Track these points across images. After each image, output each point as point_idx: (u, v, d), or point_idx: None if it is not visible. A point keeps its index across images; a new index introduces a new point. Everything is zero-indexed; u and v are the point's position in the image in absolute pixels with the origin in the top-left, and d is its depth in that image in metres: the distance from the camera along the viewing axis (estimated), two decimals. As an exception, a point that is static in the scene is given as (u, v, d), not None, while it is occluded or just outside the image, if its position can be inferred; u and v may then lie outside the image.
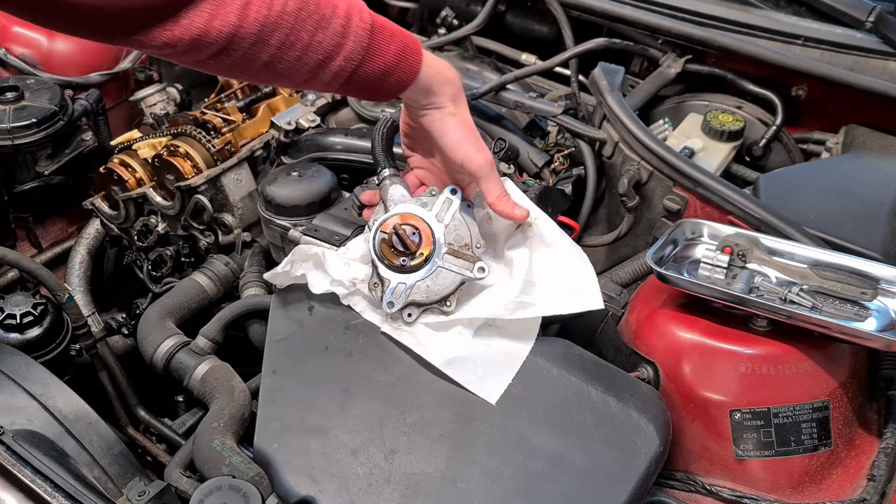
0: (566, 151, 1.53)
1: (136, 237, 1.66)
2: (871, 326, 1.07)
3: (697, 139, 1.58)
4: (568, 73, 1.78)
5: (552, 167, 1.50)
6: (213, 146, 1.59)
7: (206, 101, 1.75)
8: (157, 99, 1.88)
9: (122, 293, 1.80)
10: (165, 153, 1.59)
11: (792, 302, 1.09)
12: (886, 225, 1.30)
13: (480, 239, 1.08)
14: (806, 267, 1.13)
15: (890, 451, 1.10)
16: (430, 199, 1.08)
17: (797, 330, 1.06)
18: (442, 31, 2.05)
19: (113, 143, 1.74)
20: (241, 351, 1.37)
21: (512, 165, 1.43)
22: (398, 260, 1.06)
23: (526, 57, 1.95)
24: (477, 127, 1.45)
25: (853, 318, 1.07)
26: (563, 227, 1.35)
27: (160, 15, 0.85)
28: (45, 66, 1.87)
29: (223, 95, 1.74)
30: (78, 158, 1.80)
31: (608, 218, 1.54)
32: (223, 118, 1.65)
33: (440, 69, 1.04)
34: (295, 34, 0.91)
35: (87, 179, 1.82)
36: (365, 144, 1.54)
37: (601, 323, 1.19)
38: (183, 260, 1.64)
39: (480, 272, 1.05)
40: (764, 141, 1.65)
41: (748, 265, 1.16)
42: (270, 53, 0.92)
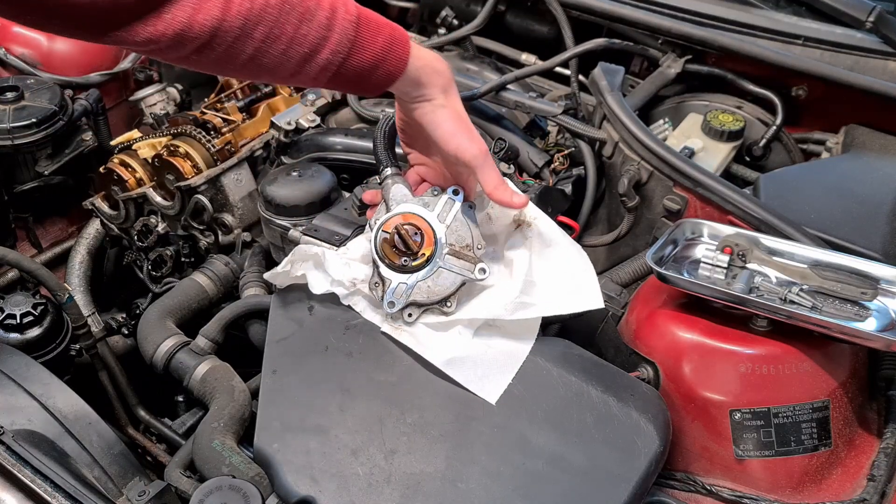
0: (566, 151, 1.53)
1: (136, 237, 1.66)
2: (871, 326, 1.07)
3: (697, 139, 1.58)
4: (568, 73, 1.78)
5: (552, 167, 1.50)
6: (213, 146, 1.59)
7: (206, 101, 1.74)
8: (157, 99, 1.88)
9: (122, 293, 1.80)
10: (165, 153, 1.59)
11: (792, 302, 1.09)
12: (886, 225, 1.30)
13: (482, 240, 1.08)
14: (806, 267, 1.13)
15: (890, 451, 1.10)
16: (431, 199, 1.08)
17: (797, 330, 1.06)
18: (442, 31, 2.05)
19: (113, 143, 1.74)
20: (241, 351, 1.37)
21: (512, 165, 1.43)
22: (399, 260, 1.06)
23: (526, 57, 1.94)
24: (477, 127, 1.44)
25: (853, 318, 1.07)
26: (563, 227, 1.35)
27: (142, 10, 0.84)
28: (45, 66, 1.87)
29: (223, 95, 1.74)
30: (78, 158, 1.80)
31: (608, 218, 1.54)
32: (223, 118, 1.65)
33: (429, 61, 1.03)
34: (279, 27, 0.91)
35: (87, 179, 1.82)
36: (365, 144, 1.54)
37: (601, 323, 1.19)
38: (183, 260, 1.64)
39: (481, 273, 1.05)
40: (764, 141, 1.65)
41: (748, 265, 1.16)
42: (255, 47, 0.91)
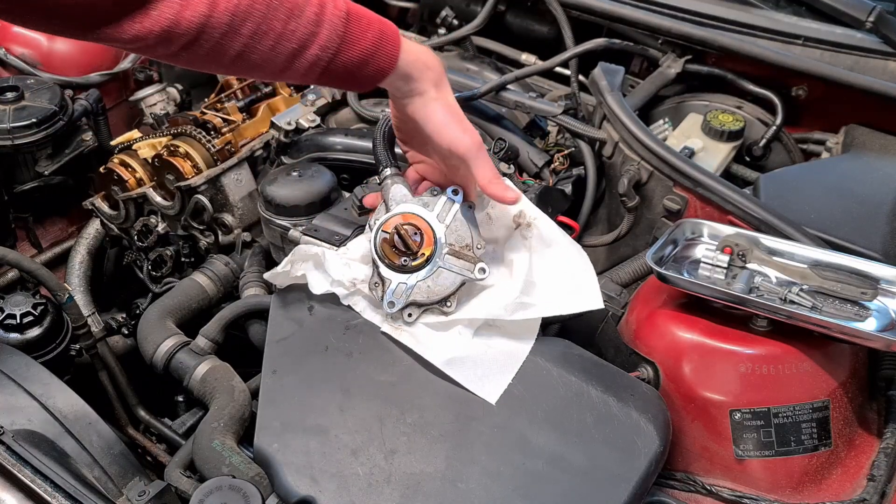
0: (566, 151, 1.53)
1: (136, 237, 1.66)
2: (871, 326, 1.07)
3: (697, 139, 1.58)
4: (568, 73, 1.78)
5: (552, 167, 1.50)
6: (213, 146, 1.59)
7: (206, 101, 1.74)
8: (157, 99, 1.88)
9: (122, 293, 1.80)
10: (165, 153, 1.59)
11: (792, 302, 1.09)
12: (886, 225, 1.30)
13: (481, 240, 1.08)
14: (806, 267, 1.13)
15: (890, 451, 1.10)
16: (431, 199, 1.08)
17: (797, 330, 1.06)
18: (442, 31, 2.05)
19: (113, 143, 1.74)
20: (241, 351, 1.37)
21: (512, 165, 1.43)
22: (399, 260, 1.06)
23: (526, 57, 1.94)
24: (477, 127, 1.43)
25: (853, 318, 1.07)
26: (563, 227, 1.35)
27: (129, 7, 0.84)
28: (45, 66, 1.87)
29: (223, 95, 1.74)
30: (78, 158, 1.80)
31: (608, 218, 1.54)
32: (223, 118, 1.65)
33: (419, 55, 1.02)
34: (267, 23, 0.90)
35: (87, 179, 1.82)
36: (365, 144, 1.54)
37: (601, 323, 1.19)
38: (183, 260, 1.64)
39: (481, 273, 1.05)
40: (764, 141, 1.65)
41: (748, 265, 1.16)
42: (243, 43, 0.90)
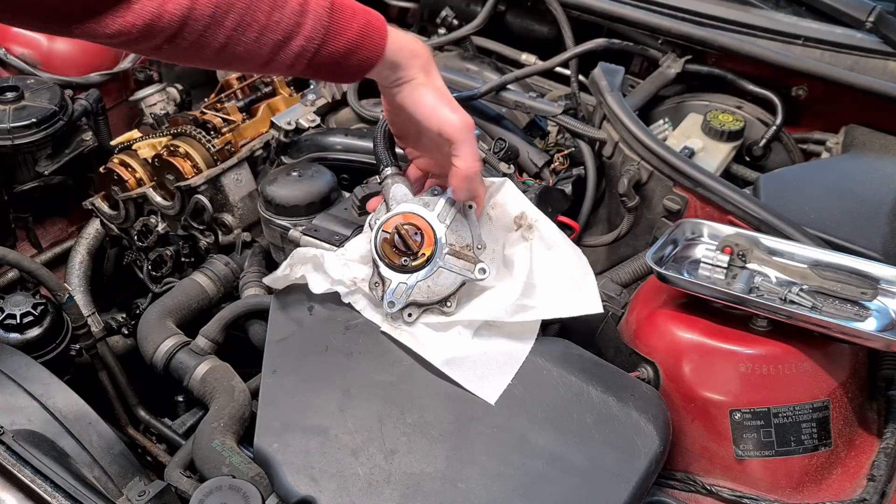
0: (566, 151, 1.53)
1: (136, 237, 1.66)
2: (871, 326, 1.07)
3: (697, 139, 1.58)
4: (568, 73, 1.78)
5: (552, 167, 1.50)
6: (213, 146, 1.59)
7: (206, 101, 1.74)
8: (157, 99, 1.88)
9: (122, 293, 1.80)
10: (165, 153, 1.59)
11: (792, 302, 1.09)
12: (886, 225, 1.30)
13: (482, 240, 1.08)
14: (806, 267, 1.13)
15: (890, 451, 1.10)
16: (432, 198, 1.08)
17: (797, 330, 1.06)
18: (442, 31, 2.04)
19: (113, 143, 1.74)
20: (241, 351, 1.37)
21: (512, 165, 1.43)
22: (400, 260, 1.06)
23: (526, 57, 1.94)
24: (477, 127, 1.42)
25: (853, 318, 1.07)
26: (563, 227, 1.35)
27: (111, 1, 0.84)
28: (45, 66, 1.87)
29: (223, 95, 1.74)
30: (78, 158, 1.80)
31: (608, 218, 1.54)
32: (223, 118, 1.65)
33: (406, 43, 1.01)
34: (250, 14, 0.90)
35: (87, 179, 1.82)
36: (365, 144, 1.54)
37: (601, 323, 1.19)
38: (183, 260, 1.64)
39: (481, 273, 1.05)
40: (764, 141, 1.65)
41: (748, 265, 1.16)
42: (226, 35, 0.90)
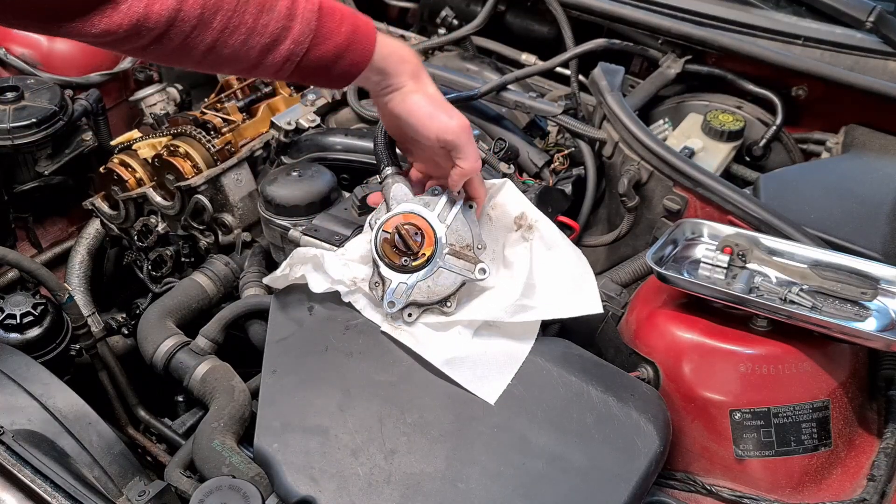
0: (566, 151, 1.53)
1: (136, 237, 1.66)
2: (871, 326, 1.07)
3: (697, 139, 1.58)
4: (568, 73, 1.78)
5: (552, 167, 1.50)
6: (213, 146, 1.59)
7: (206, 101, 1.74)
8: (157, 99, 1.88)
9: (122, 293, 1.80)
10: (165, 153, 1.58)
11: (792, 302, 1.09)
12: (886, 225, 1.30)
13: (482, 240, 1.08)
14: (806, 267, 1.13)
15: (890, 451, 1.10)
16: (432, 198, 1.08)
17: (797, 330, 1.06)
18: (442, 31, 2.05)
19: (113, 143, 1.74)
20: (241, 351, 1.37)
21: (512, 165, 1.43)
22: (400, 260, 1.06)
23: (526, 57, 1.94)
24: (477, 127, 1.42)
25: (853, 318, 1.07)
26: (562, 227, 1.35)
27: (98, 1, 0.83)
28: (45, 66, 1.87)
29: (223, 95, 1.74)
30: (78, 158, 1.80)
31: (608, 218, 1.54)
32: (223, 118, 1.65)
33: (394, 49, 1.00)
34: (238, 16, 0.90)
35: (87, 179, 1.82)
36: (365, 144, 1.54)
37: (601, 323, 1.19)
38: (183, 260, 1.64)
39: (482, 273, 1.05)
40: (764, 141, 1.65)
41: (748, 265, 1.16)
42: (213, 37, 0.90)
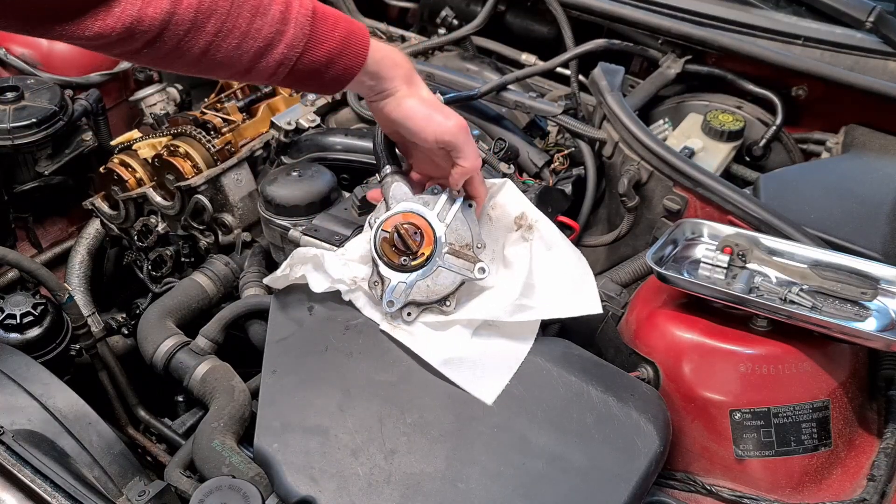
0: (566, 151, 1.53)
1: (136, 237, 1.66)
2: (871, 326, 1.07)
3: (697, 139, 1.58)
4: (568, 73, 1.78)
5: (552, 167, 1.50)
6: (213, 146, 1.59)
7: (206, 101, 1.74)
8: (157, 99, 1.88)
9: (122, 293, 1.80)
10: (165, 153, 1.59)
11: (792, 302, 1.09)
12: (886, 225, 1.30)
13: (482, 239, 1.08)
14: (806, 267, 1.13)
15: (890, 451, 1.10)
16: (431, 197, 1.08)
17: (797, 330, 1.06)
18: (442, 31, 2.05)
19: (113, 143, 1.74)
20: (241, 351, 1.37)
21: (512, 165, 1.43)
22: (399, 259, 1.05)
23: (526, 57, 1.94)
24: (477, 127, 1.42)
25: (853, 318, 1.07)
26: (562, 227, 1.35)
27: (91, 3, 0.83)
28: (45, 66, 1.87)
29: (223, 95, 1.74)
30: (78, 158, 1.80)
31: (608, 218, 1.54)
32: (223, 118, 1.65)
33: (387, 53, 1.01)
34: (232, 20, 0.90)
35: (87, 179, 1.82)
36: (365, 144, 1.54)
37: (601, 323, 1.19)
38: (183, 260, 1.64)
39: (481, 273, 1.05)
40: (764, 141, 1.65)
41: (748, 265, 1.16)
42: (207, 41, 0.89)
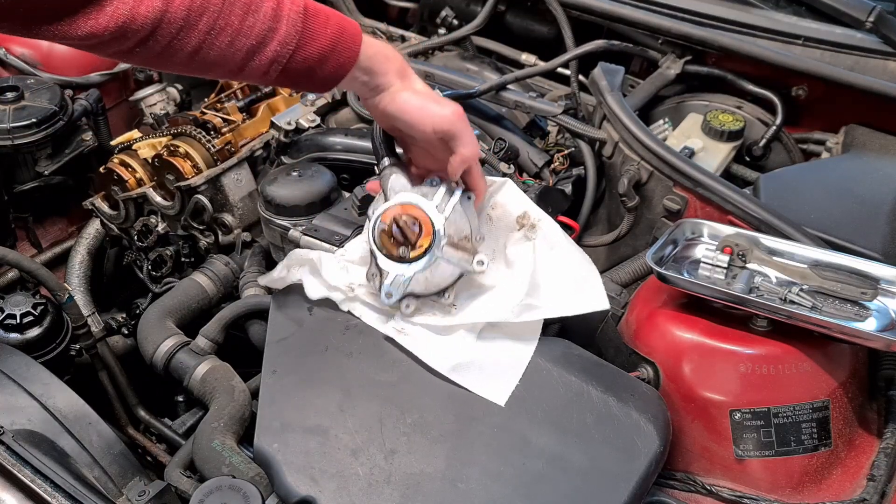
0: (566, 151, 1.52)
1: (136, 237, 1.66)
2: (871, 326, 1.07)
3: (697, 139, 1.58)
4: (568, 73, 1.78)
5: (552, 167, 1.50)
6: (213, 146, 1.59)
7: (206, 101, 1.74)
8: (157, 99, 1.88)
9: (122, 293, 1.80)
10: (165, 153, 1.59)
11: (792, 302, 1.09)
12: (886, 225, 1.30)
13: (480, 231, 1.08)
14: (806, 267, 1.13)
15: (890, 451, 1.10)
16: (430, 189, 1.07)
17: (797, 330, 1.06)
18: (442, 31, 2.05)
19: (113, 143, 1.74)
20: (241, 351, 1.37)
21: (512, 165, 1.43)
22: (397, 250, 1.04)
23: (526, 57, 1.94)
24: (477, 127, 1.42)
25: (853, 318, 1.07)
26: (563, 227, 1.35)
27: (82, 3, 0.83)
28: (45, 66, 1.87)
29: (223, 95, 1.74)
30: (78, 158, 1.80)
31: (608, 218, 1.54)
32: (223, 118, 1.65)
33: (379, 49, 1.01)
34: (224, 18, 0.90)
35: (87, 179, 1.82)
36: (365, 144, 1.54)
37: (601, 323, 1.19)
38: (183, 260, 1.64)
39: (480, 265, 1.05)
40: (764, 141, 1.65)
41: (748, 265, 1.16)
42: (199, 39, 0.90)
